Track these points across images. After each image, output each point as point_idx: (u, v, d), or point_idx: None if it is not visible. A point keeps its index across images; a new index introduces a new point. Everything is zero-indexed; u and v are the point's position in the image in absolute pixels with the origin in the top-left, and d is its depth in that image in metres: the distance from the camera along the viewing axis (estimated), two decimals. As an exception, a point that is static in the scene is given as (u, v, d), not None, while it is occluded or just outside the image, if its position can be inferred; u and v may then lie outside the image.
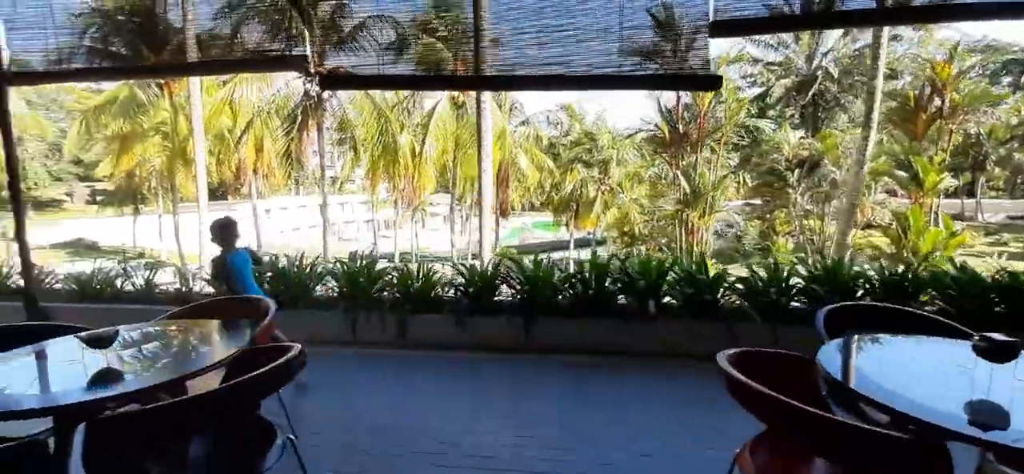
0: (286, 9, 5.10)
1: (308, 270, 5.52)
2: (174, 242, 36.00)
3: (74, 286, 5.95)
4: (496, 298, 5.11)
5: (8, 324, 2.82)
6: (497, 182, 24.66)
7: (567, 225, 32.33)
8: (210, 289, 5.66)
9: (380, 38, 4.99)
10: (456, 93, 18.94)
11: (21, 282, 6.14)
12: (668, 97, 23.82)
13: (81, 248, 35.43)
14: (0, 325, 2.73)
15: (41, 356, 2.42)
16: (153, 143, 17.40)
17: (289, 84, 15.83)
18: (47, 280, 6.30)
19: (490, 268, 5.18)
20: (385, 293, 5.28)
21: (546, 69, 4.22)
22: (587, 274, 4.89)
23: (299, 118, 15.39)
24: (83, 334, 2.31)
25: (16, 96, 31.78)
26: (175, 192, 19.48)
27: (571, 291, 4.98)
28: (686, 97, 21.58)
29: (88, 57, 5.52)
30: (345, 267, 5.41)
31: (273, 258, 5.90)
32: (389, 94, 17.41)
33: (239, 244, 4.32)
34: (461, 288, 5.16)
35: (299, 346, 2.16)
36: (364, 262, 5.43)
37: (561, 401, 3.81)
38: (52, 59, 5.07)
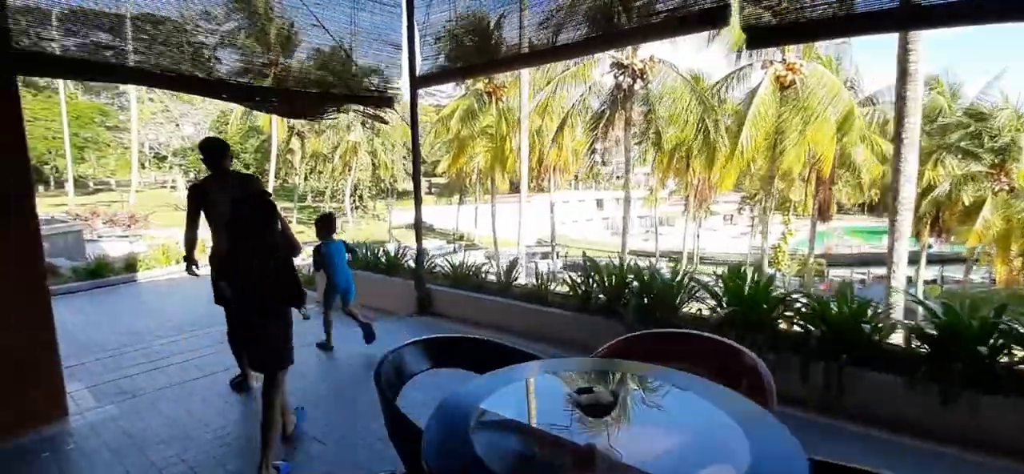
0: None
1: (678, 281, 4.57)
2: (484, 228, 42.70)
3: (449, 272, 6.48)
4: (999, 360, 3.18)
5: (459, 337, 2.52)
6: (815, 176, 20.39)
7: (917, 235, 24.86)
8: (522, 278, 5.89)
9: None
10: (785, 72, 16.04)
11: (412, 264, 7.04)
12: None
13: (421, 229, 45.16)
14: (449, 337, 2.43)
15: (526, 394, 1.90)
16: (480, 144, 20.11)
17: (596, 83, 15.90)
18: (428, 263, 7.10)
19: (991, 313, 3.25)
20: (795, 326, 3.93)
21: None
22: None
23: (607, 113, 15.32)
24: (582, 397, 1.64)
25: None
26: (493, 185, 22.26)
27: None
28: None
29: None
30: (727, 281, 4.27)
31: (589, 261, 5.26)
32: (708, 81, 15.82)
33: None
34: (925, 336, 3.40)
35: None
36: (758, 280, 4.18)
37: None
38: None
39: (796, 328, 3.89)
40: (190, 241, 3.90)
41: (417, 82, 5.74)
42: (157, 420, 3.58)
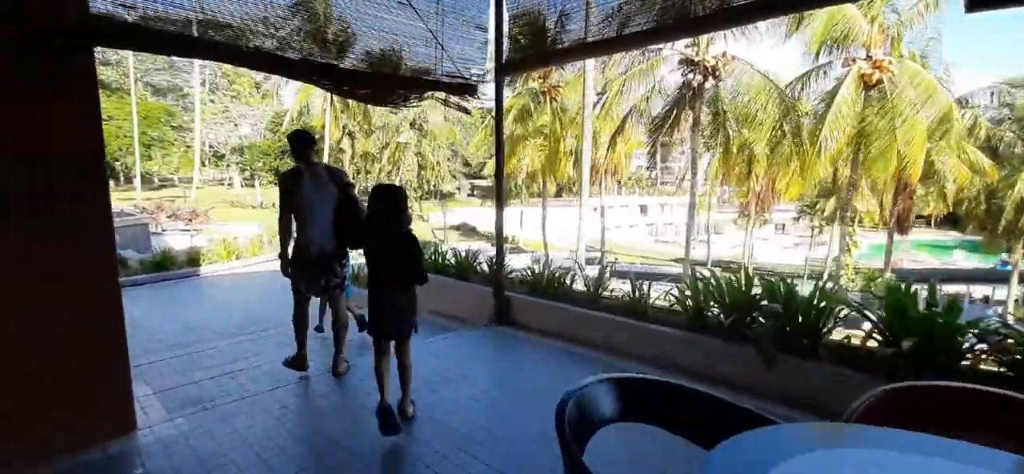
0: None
1: (820, 300, 3.80)
2: (530, 231, 42.19)
3: (529, 278, 5.90)
4: None
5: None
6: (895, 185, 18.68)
7: (1010, 250, 22.59)
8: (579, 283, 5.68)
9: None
10: (870, 70, 14.71)
11: (486, 268, 6.50)
12: None
13: (466, 230, 44.93)
14: (645, 380, 1.82)
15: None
16: (534, 144, 19.54)
17: (662, 80, 15.00)
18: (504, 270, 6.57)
19: None
20: (979, 361, 3.14)
21: None
22: None
23: (673, 112, 14.41)
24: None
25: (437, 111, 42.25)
26: (544, 188, 21.64)
27: None
28: None
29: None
30: (892, 301, 3.47)
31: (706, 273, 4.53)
32: (789, 76, 14.64)
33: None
34: None
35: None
36: (935, 301, 3.38)
37: None
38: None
39: (995, 368, 3.10)
40: (285, 232, 3.94)
41: (503, 68, 5.20)
42: (230, 440, 3.15)
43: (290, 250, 3.98)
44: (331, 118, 30.27)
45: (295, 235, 3.96)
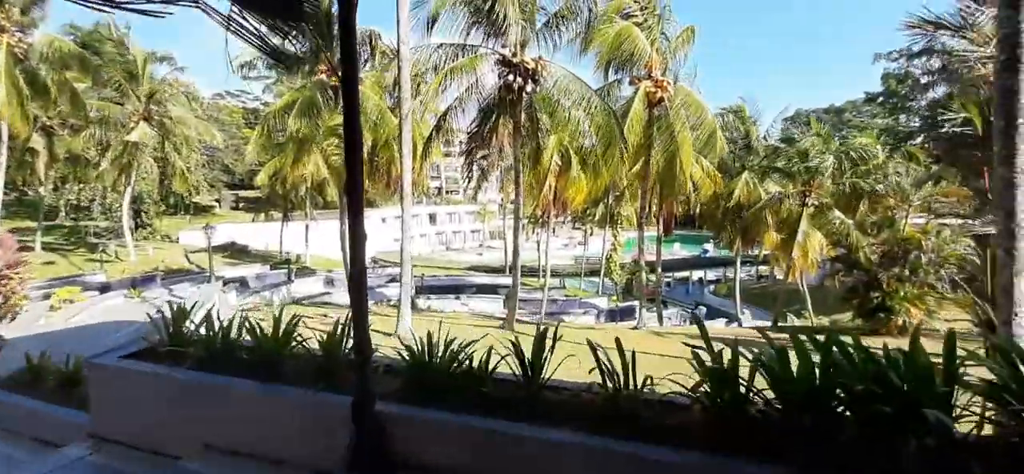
0: None
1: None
2: (318, 247, 36.45)
3: (409, 360, 3.31)
4: None
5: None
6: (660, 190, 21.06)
7: (731, 245, 28.00)
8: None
9: None
10: (653, 89, 15.73)
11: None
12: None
13: (234, 251, 36.78)
14: None
15: None
16: (331, 145, 15.92)
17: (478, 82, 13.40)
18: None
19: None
20: None
21: None
22: None
23: (494, 116, 12.90)
24: None
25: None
26: (342, 199, 17.99)
27: None
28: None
29: None
30: None
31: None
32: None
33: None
34: None
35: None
36: None
37: None
38: None
39: None
40: None
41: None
42: None
43: None
44: (7, 102, 20.48)
45: None
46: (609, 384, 2.89)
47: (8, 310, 9.62)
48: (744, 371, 2.57)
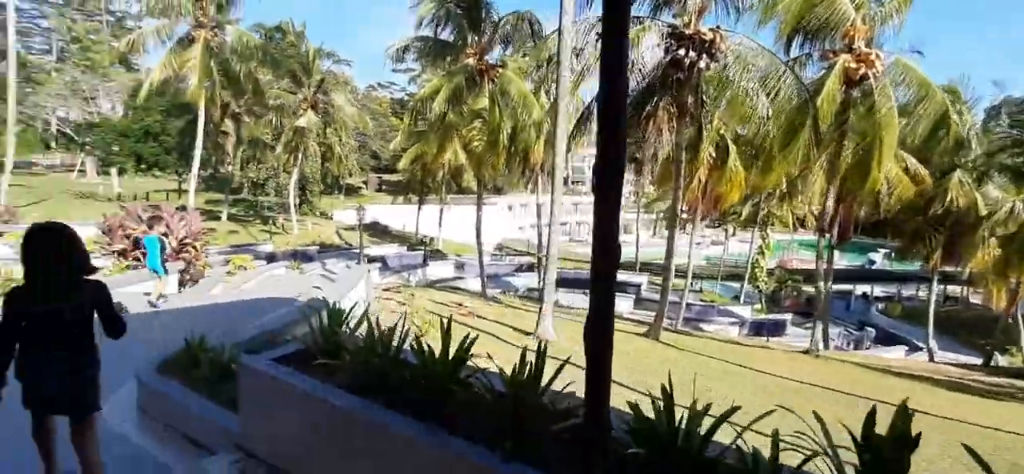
0: None
1: None
2: (452, 232, 37.59)
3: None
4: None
5: None
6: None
7: (927, 258, 22.70)
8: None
9: None
10: (855, 63, 12.68)
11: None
12: None
13: (377, 231, 39.45)
14: None
15: None
16: (475, 132, 15.55)
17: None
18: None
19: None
20: None
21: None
22: None
23: (655, 98, 11.20)
24: None
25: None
26: (480, 184, 17.63)
27: None
28: None
29: None
30: None
31: None
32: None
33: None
34: None
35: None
36: None
37: None
38: None
39: None
40: None
41: None
42: None
43: None
44: (209, 94, 23.72)
45: None
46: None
47: (193, 277, 10.59)
48: None
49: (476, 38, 15.86)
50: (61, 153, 50.02)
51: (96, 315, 2.53)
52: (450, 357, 2.74)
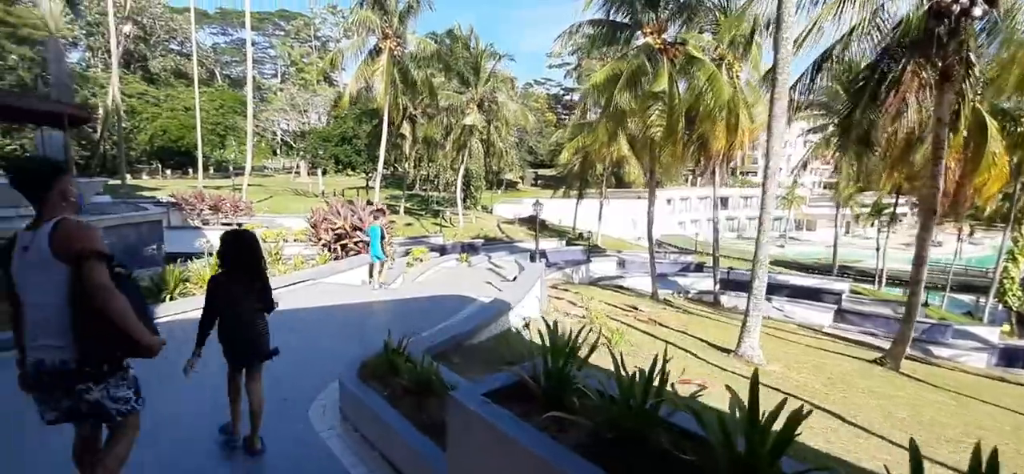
0: None
1: None
2: (610, 227, 36.35)
3: None
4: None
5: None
6: None
7: None
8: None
9: None
10: None
11: None
12: None
13: (534, 225, 39.87)
14: None
15: None
16: (653, 116, 14.04)
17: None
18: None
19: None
20: None
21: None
22: None
23: (903, 61, 8.56)
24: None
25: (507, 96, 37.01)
26: (651, 177, 16.00)
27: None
28: None
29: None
30: None
31: None
32: None
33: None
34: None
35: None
36: None
37: None
38: None
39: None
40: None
41: None
42: None
43: None
44: (391, 99, 26.04)
45: None
46: None
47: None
48: None
49: (653, 16, 14.27)
50: (283, 158, 60.74)
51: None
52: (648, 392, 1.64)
